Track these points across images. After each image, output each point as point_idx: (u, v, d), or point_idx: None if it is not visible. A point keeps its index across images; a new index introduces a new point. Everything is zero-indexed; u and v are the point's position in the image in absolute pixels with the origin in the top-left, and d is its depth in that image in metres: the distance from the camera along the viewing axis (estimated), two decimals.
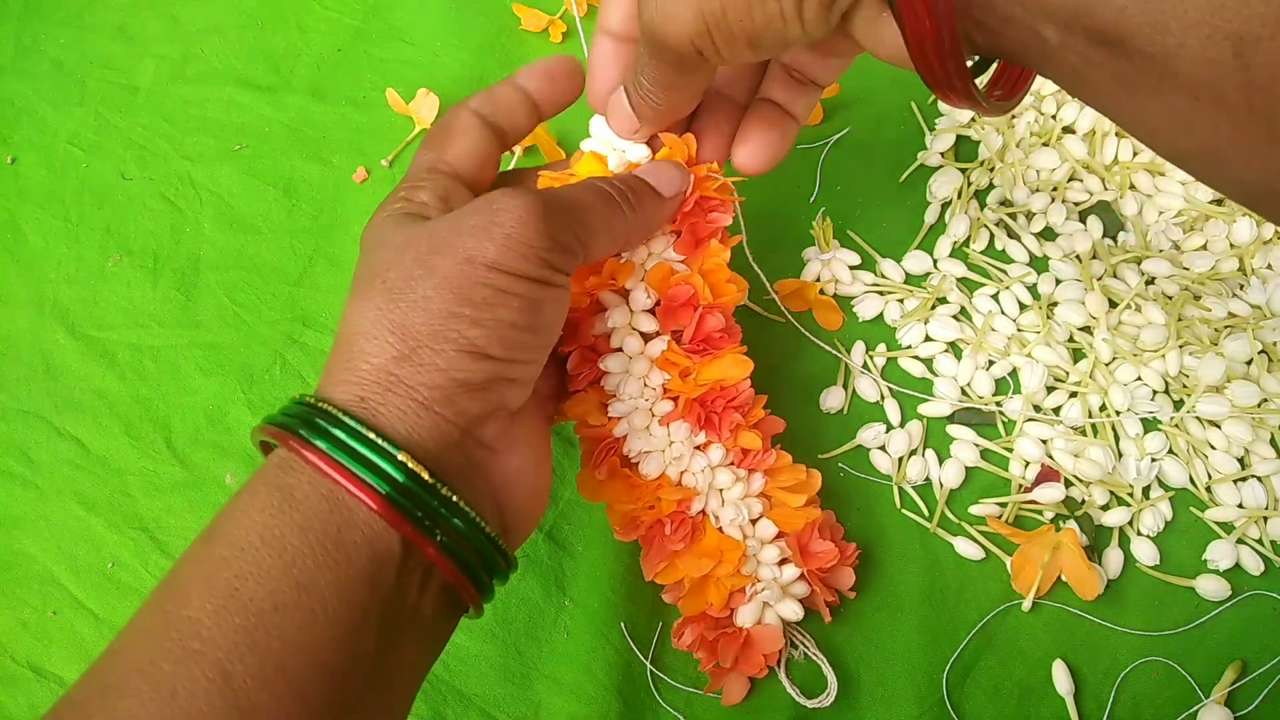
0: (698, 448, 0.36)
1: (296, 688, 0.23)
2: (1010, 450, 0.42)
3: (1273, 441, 0.41)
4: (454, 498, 0.27)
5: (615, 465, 0.36)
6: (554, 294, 0.30)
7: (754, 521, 0.37)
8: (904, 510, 0.42)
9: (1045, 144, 0.48)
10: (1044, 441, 0.42)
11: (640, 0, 0.28)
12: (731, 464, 0.37)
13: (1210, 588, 0.39)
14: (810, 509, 0.37)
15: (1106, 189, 0.48)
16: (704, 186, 0.35)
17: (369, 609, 0.25)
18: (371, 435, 0.26)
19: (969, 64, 0.25)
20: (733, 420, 0.36)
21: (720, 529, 0.36)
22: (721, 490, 0.36)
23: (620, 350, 0.35)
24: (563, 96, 0.35)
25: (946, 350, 0.45)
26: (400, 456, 0.26)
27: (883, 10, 0.25)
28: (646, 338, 0.36)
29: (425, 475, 0.26)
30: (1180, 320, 0.43)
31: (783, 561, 0.37)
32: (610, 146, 0.35)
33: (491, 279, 0.28)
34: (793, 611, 0.37)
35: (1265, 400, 0.41)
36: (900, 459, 0.43)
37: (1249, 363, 0.42)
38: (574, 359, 0.35)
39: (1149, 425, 0.43)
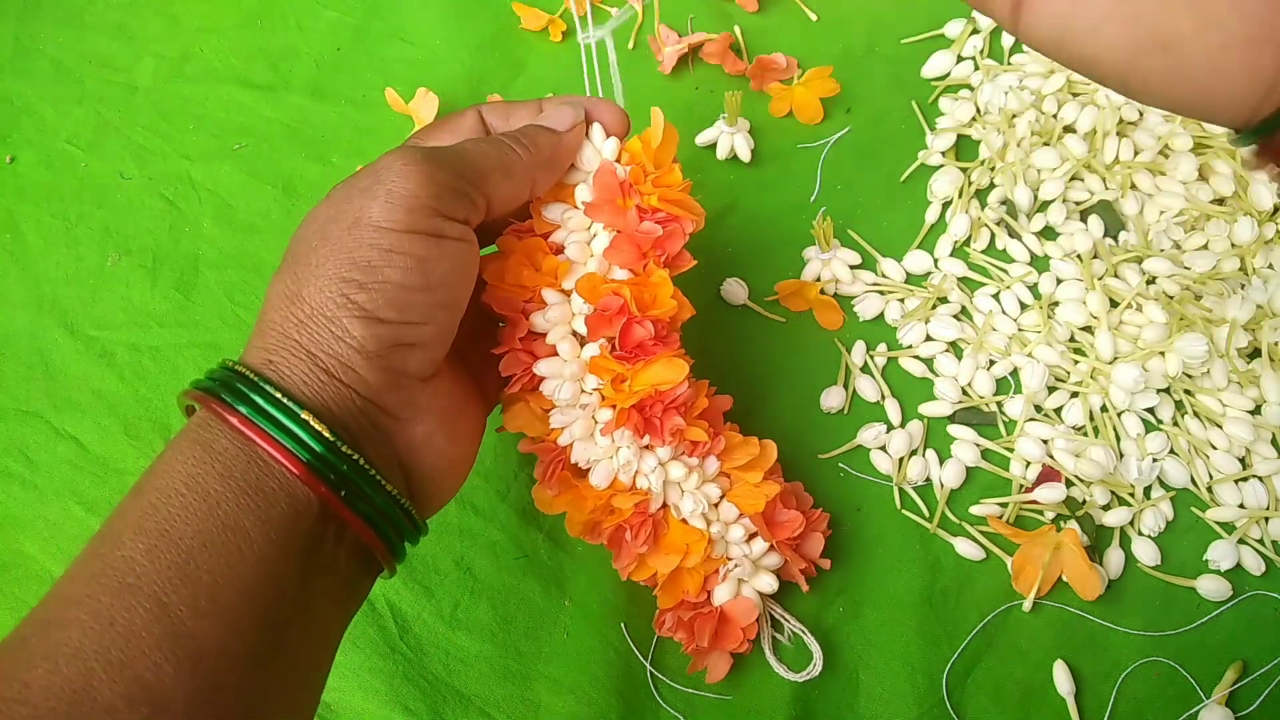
0: (645, 447, 0.35)
1: (229, 616, 0.24)
2: (1011, 450, 0.42)
3: (1274, 441, 0.41)
4: (355, 456, 0.27)
5: (566, 478, 0.36)
6: (447, 248, 0.30)
7: (715, 505, 0.37)
8: (904, 511, 0.42)
9: (1046, 143, 0.48)
10: (1045, 441, 0.42)
11: None
12: (683, 454, 0.36)
13: (1211, 588, 0.39)
14: (769, 484, 0.37)
15: (1107, 188, 0.47)
16: (643, 192, 0.34)
17: (290, 547, 0.26)
18: (280, 396, 0.27)
19: None
20: (674, 424, 0.35)
21: (684, 520, 0.36)
22: (678, 482, 0.36)
23: (555, 354, 0.35)
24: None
25: (947, 350, 0.45)
26: (303, 415, 0.27)
27: None
28: (583, 341, 0.35)
29: (326, 434, 0.27)
30: (1181, 320, 0.43)
31: (751, 537, 0.37)
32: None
33: (376, 239, 0.28)
34: (767, 584, 0.37)
35: (1266, 401, 0.41)
36: (900, 459, 0.43)
37: (1249, 362, 0.42)
38: (507, 360, 0.35)
39: (1150, 425, 0.42)
